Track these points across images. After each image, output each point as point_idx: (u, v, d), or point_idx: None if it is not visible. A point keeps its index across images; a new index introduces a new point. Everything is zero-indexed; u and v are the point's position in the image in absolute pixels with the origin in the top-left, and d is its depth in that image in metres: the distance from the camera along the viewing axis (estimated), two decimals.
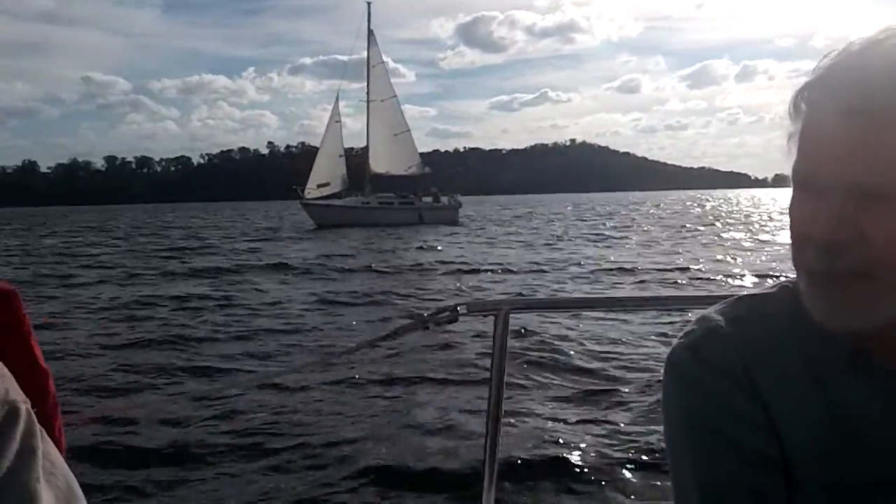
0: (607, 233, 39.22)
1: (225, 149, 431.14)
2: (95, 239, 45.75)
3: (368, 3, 61.28)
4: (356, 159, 65.83)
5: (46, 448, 0.94)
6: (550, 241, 33.91)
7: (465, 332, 11.94)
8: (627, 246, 30.23)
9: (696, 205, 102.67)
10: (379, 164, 58.34)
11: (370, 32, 60.63)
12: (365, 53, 60.55)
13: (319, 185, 55.82)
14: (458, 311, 2.06)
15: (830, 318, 0.94)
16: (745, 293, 1.13)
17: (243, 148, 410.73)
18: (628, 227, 45.76)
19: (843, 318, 0.93)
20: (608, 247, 29.93)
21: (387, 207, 53.40)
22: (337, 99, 61.59)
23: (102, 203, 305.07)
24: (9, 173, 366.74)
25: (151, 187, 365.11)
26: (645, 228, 43.08)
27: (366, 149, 59.93)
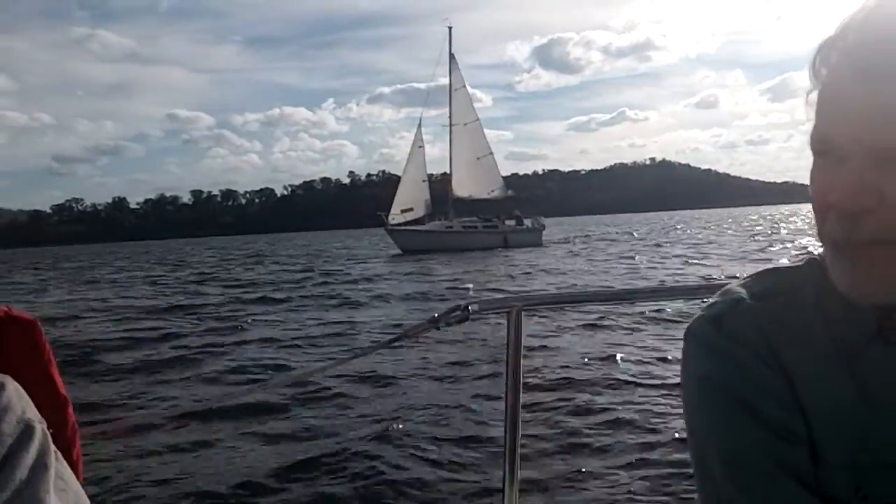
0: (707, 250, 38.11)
1: (307, 179, 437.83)
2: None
3: (449, 28, 61.62)
4: (438, 184, 65.85)
5: (60, 468, 1.00)
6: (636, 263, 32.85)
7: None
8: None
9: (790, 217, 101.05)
10: (462, 187, 58.24)
11: (451, 56, 60.84)
12: (444, 79, 60.81)
13: (403, 211, 55.93)
14: (469, 310, 2.02)
15: (854, 289, 0.91)
16: (772, 266, 1.09)
17: (325, 178, 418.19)
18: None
19: (868, 289, 0.90)
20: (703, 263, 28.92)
21: (471, 231, 53.09)
22: (420, 124, 61.51)
23: (191, 236, 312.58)
24: (100, 209, 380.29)
25: (237, 219, 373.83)
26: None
27: (448, 173, 59.97)
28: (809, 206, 0.92)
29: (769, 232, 59.06)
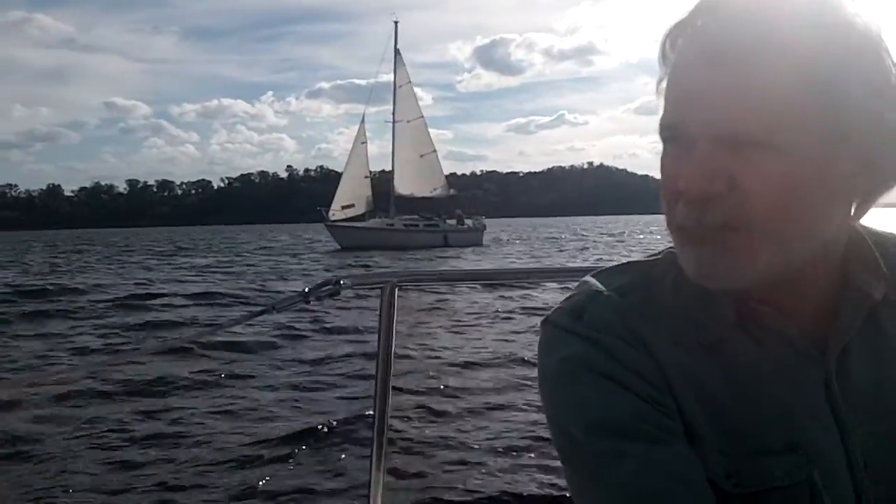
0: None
1: (244, 172, 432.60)
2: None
3: (395, 23, 61.42)
4: (379, 181, 65.49)
5: None
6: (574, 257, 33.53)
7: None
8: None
9: None
10: (404, 185, 57.91)
11: (396, 52, 60.47)
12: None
13: (344, 207, 55.43)
14: (341, 283, 1.94)
15: (703, 276, 0.91)
16: (629, 261, 1.08)
17: (263, 171, 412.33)
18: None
19: (717, 275, 0.90)
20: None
21: (412, 230, 52.84)
22: (363, 120, 61.01)
23: (126, 226, 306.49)
24: (34, 196, 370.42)
25: (173, 210, 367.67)
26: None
27: (390, 170, 59.58)
28: None
29: None
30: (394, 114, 59.35)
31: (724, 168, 0.84)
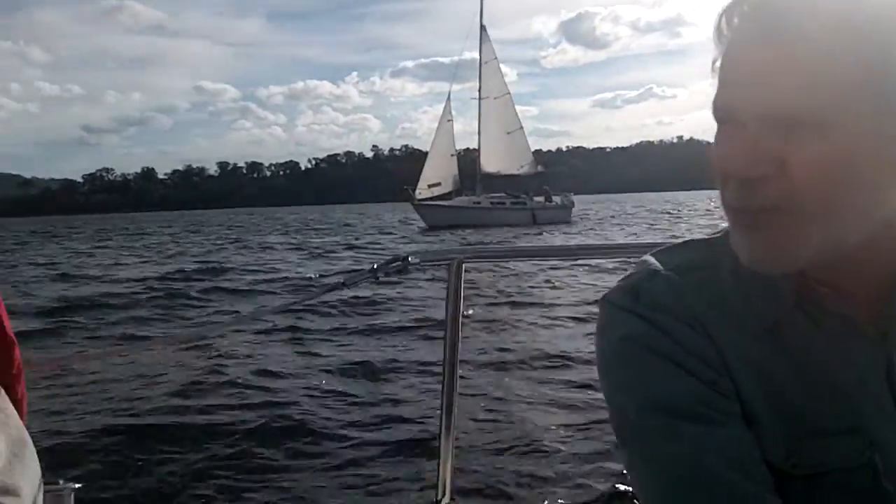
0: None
1: (330, 153, 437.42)
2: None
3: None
4: (465, 159, 64.95)
5: (3, 402, 1.14)
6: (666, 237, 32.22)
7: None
8: None
9: None
10: (490, 163, 57.29)
11: (482, 28, 59.53)
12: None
13: (430, 186, 55.10)
14: (409, 261, 1.99)
15: (755, 259, 0.90)
16: (689, 238, 1.08)
17: (349, 152, 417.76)
18: None
19: (769, 258, 0.89)
20: None
21: (499, 207, 52.21)
22: (448, 98, 59.89)
23: (217, 207, 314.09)
24: (130, 179, 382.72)
25: (262, 191, 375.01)
26: None
27: (476, 148, 58.94)
28: None
29: None
30: (479, 90, 58.58)
31: (773, 149, 0.83)
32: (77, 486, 1.70)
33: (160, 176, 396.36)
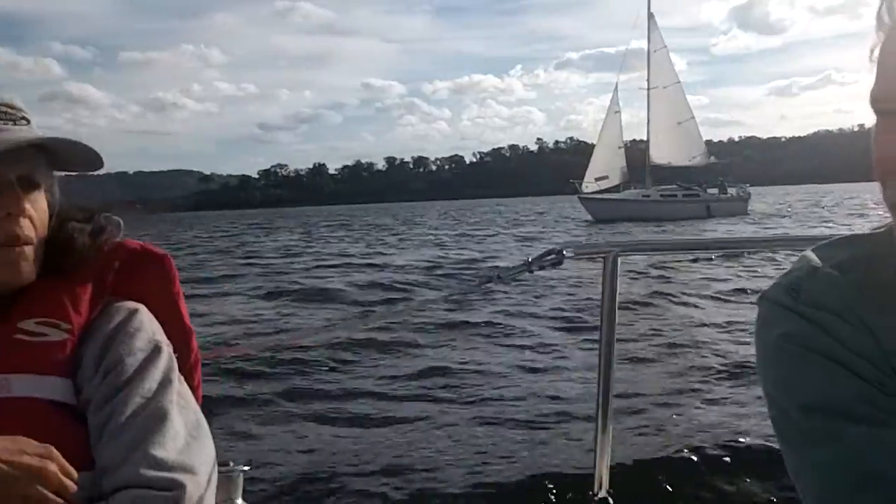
0: None
1: (495, 146, 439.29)
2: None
3: None
4: (632, 151, 63.16)
5: (182, 389, 1.25)
6: None
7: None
8: None
9: None
10: (660, 154, 55.44)
11: (650, 16, 57.72)
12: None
13: (598, 179, 53.91)
14: (563, 254, 1.96)
15: None
16: (851, 234, 1.06)
17: (513, 145, 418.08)
18: None
19: None
20: None
21: (671, 200, 50.38)
22: (615, 88, 58.60)
23: (385, 201, 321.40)
24: (302, 175, 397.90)
25: (428, 185, 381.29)
26: None
27: (645, 139, 57.30)
28: None
29: None
30: (648, 80, 56.92)
31: None
32: (246, 468, 1.72)
33: (330, 171, 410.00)
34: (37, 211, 1.24)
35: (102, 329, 1.25)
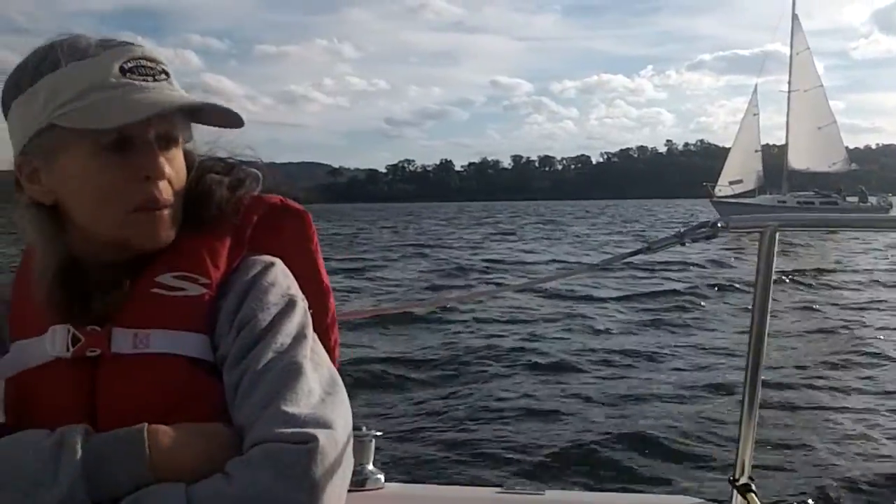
0: None
1: (622, 147, 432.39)
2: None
3: None
4: (767, 155, 61.45)
5: (316, 345, 1.21)
6: None
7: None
8: None
9: None
10: (799, 159, 53.86)
11: (795, 17, 56.11)
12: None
13: (732, 182, 52.97)
14: (717, 226, 1.87)
15: None
16: None
17: (641, 146, 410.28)
18: None
19: None
20: None
21: (807, 207, 48.99)
22: (754, 91, 57.24)
23: (510, 199, 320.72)
24: (429, 171, 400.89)
25: (553, 184, 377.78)
26: None
27: (783, 144, 55.77)
28: None
29: None
30: (789, 83, 55.38)
31: None
32: (378, 433, 1.80)
33: (457, 168, 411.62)
34: (175, 169, 1.21)
35: (238, 283, 1.22)
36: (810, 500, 4.89)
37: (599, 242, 33.08)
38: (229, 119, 1.25)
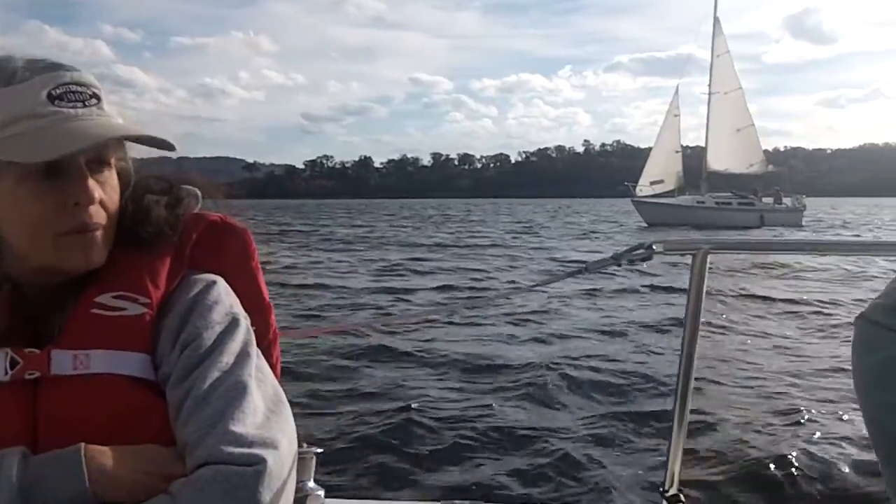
0: None
1: (540, 146, 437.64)
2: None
3: None
4: (688, 157, 62.56)
5: (260, 362, 1.22)
6: None
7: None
8: None
9: None
10: (718, 160, 54.78)
11: (716, 21, 56.90)
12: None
13: (653, 183, 53.62)
14: (652, 248, 1.95)
15: None
16: None
17: (559, 146, 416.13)
18: None
19: None
20: None
21: (725, 208, 49.98)
22: (676, 92, 58.05)
23: (427, 196, 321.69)
24: (348, 167, 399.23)
25: (473, 182, 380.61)
26: None
27: (702, 146, 56.63)
28: None
29: None
30: (710, 85, 56.21)
31: None
32: (319, 451, 1.74)
33: (376, 165, 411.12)
34: (106, 191, 1.18)
35: (180, 302, 1.22)
36: None
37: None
38: (160, 142, 1.21)
